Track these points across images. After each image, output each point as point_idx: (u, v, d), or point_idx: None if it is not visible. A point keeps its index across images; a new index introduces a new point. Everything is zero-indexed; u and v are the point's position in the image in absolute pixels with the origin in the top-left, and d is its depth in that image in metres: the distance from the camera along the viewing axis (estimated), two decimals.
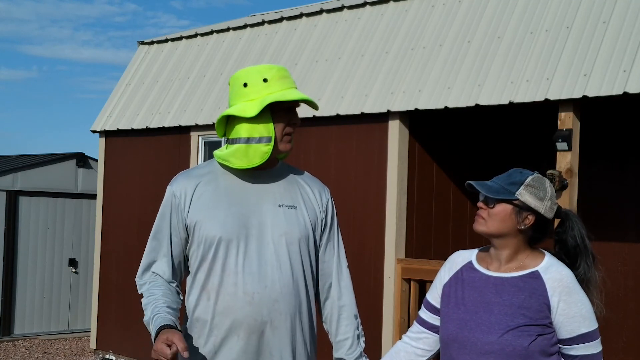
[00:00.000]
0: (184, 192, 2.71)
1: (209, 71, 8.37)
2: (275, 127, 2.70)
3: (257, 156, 2.69)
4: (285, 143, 2.73)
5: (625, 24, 5.55)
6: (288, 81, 2.73)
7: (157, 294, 2.66)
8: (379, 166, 6.66)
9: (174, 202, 2.72)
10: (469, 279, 2.61)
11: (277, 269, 2.68)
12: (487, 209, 2.55)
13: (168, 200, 2.75)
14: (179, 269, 2.76)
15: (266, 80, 2.69)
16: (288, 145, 2.74)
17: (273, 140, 2.68)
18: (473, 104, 6.03)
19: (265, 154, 2.69)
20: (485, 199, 2.55)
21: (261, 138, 2.68)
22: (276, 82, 2.70)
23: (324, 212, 2.84)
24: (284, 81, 2.72)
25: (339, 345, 2.85)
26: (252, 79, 2.71)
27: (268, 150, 2.68)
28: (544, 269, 2.52)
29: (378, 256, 6.61)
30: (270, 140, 2.68)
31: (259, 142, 2.68)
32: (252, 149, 2.68)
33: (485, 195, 2.54)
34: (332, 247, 2.87)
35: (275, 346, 2.67)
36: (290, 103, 2.72)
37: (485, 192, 2.53)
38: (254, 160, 2.69)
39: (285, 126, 2.72)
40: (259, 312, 2.64)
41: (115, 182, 9.11)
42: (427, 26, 6.77)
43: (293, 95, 2.68)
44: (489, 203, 2.54)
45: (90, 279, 11.26)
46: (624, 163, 7.16)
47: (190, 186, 2.72)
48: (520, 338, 2.44)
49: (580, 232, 2.60)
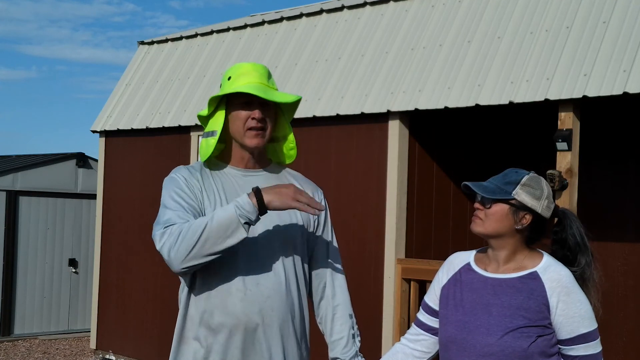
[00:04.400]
0: (195, 180, 2.71)
1: (209, 71, 8.37)
2: (234, 121, 2.72)
3: (208, 148, 2.73)
4: (250, 138, 2.72)
5: (625, 24, 5.55)
6: (249, 77, 2.72)
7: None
8: (379, 166, 6.66)
9: (188, 183, 2.69)
10: (467, 280, 2.60)
11: (270, 267, 2.68)
12: (483, 210, 2.54)
13: (176, 181, 2.69)
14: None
15: (230, 78, 2.75)
16: (254, 140, 2.72)
17: (218, 134, 2.71)
18: (473, 104, 6.03)
19: (210, 147, 2.72)
20: (482, 199, 2.54)
21: (213, 132, 2.73)
22: (237, 78, 2.73)
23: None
24: (243, 77, 2.72)
25: (334, 344, 2.84)
26: (223, 79, 2.79)
27: (213, 143, 2.71)
28: (543, 270, 2.51)
29: (378, 256, 6.61)
30: (215, 134, 2.71)
31: (211, 135, 2.73)
32: (207, 142, 2.74)
33: (481, 195, 2.53)
34: (326, 247, 2.87)
35: (266, 344, 2.67)
36: (247, 98, 2.71)
37: (481, 192, 2.52)
38: (205, 152, 2.74)
39: (245, 121, 2.71)
40: (251, 309, 2.64)
41: (115, 182, 9.11)
42: (427, 26, 6.77)
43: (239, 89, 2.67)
44: (486, 203, 2.53)
45: (90, 279, 11.25)
46: (624, 163, 7.16)
47: (198, 178, 2.73)
48: (520, 339, 2.43)
49: (579, 230, 2.60)
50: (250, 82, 2.70)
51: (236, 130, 2.73)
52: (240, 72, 2.74)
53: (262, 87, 2.70)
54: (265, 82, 2.75)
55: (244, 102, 2.72)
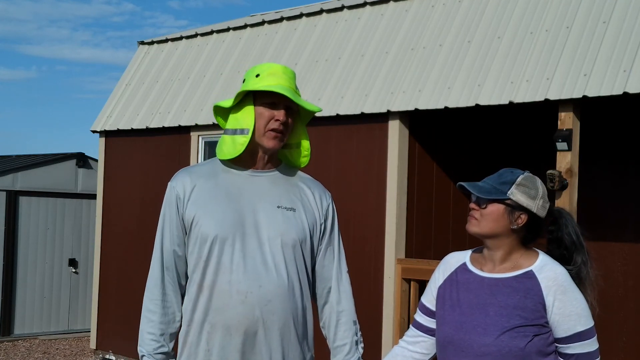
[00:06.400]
0: (183, 189, 2.72)
1: (209, 71, 8.37)
2: (256, 121, 2.70)
3: (234, 147, 2.70)
4: (269, 139, 2.71)
5: (625, 24, 5.55)
6: (277, 78, 2.71)
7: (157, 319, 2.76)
8: (379, 166, 6.66)
9: (174, 198, 2.73)
10: (463, 280, 2.60)
11: (272, 269, 2.66)
12: (479, 210, 2.54)
13: (168, 196, 2.76)
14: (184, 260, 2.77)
15: (258, 75, 2.72)
16: (272, 141, 2.71)
17: (250, 132, 2.68)
18: (473, 104, 6.03)
19: (241, 146, 2.69)
20: (477, 199, 2.54)
21: (242, 130, 2.69)
22: (266, 77, 2.71)
23: (324, 217, 2.83)
24: (272, 77, 2.71)
25: (337, 350, 2.83)
26: (249, 75, 2.75)
27: (244, 142, 2.68)
28: (539, 269, 2.51)
29: (378, 256, 6.61)
30: (247, 132, 2.68)
31: (240, 133, 2.70)
32: (234, 140, 2.70)
33: (476, 196, 2.53)
34: (331, 251, 2.85)
35: (266, 347, 2.66)
36: (275, 98, 2.70)
37: (476, 192, 2.52)
38: (231, 151, 2.70)
39: (269, 121, 2.70)
40: (252, 312, 2.63)
41: (115, 182, 9.11)
42: (427, 26, 6.77)
43: (270, 88, 2.66)
44: (481, 204, 2.53)
45: (90, 279, 11.25)
46: (624, 163, 7.16)
47: (190, 183, 2.73)
48: (517, 339, 2.43)
49: (575, 229, 2.60)
50: (280, 84, 2.70)
51: (257, 128, 2.71)
52: (270, 72, 2.72)
53: (292, 92, 2.70)
54: (294, 87, 2.75)
55: (270, 102, 2.70)
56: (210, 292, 2.65)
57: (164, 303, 2.73)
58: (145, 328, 2.75)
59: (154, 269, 2.75)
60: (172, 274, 2.73)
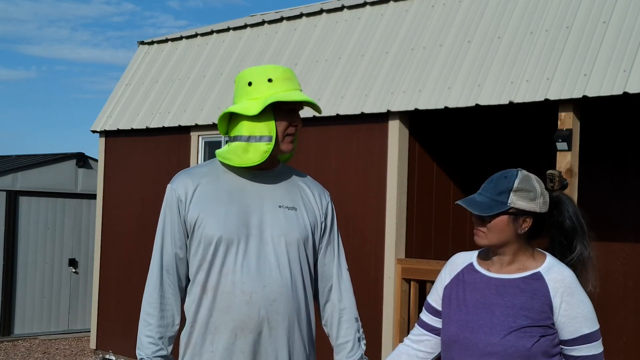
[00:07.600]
0: (185, 190, 2.71)
1: (209, 71, 8.37)
2: (277, 127, 2.71)
3: (256, 155, 2.69)
4: (287, 143, 2.74)
5: (625, 24, 5.55)
6: (292, 83, 2.74)
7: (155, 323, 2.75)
8: (379, 166, 6.66)
9: (175, 200, 2.72)
10: (470, 280, 2.60)
11: (276, 269, 2.67)
12: (484, 225, 2.53)
13: (169, 198, 2.75)
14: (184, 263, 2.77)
15: (271, 80, 2.71)
16: (290, 145, 2.75)
17: (274, 139, 2.69)
18: (473, 104, 6.03)
19: (265, 153, 2.69)
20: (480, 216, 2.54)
21: (262, 137, 2.69)
22: (280, 82, 2.71)
23: (324, 215, 2.85)
24: (288, 82, 2.73)
25: (340, 348, 2.84)
26: (257, 78, 2.72)
27: (268, 149, 2.69)
28: (546, 270, 2.51)
29: (378, 256, 6.61)
30: (271, 139, 2.69)
31: (259, 140, 2.69)
32: (252, 147, 2.69)
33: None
34: (332, 250, 2.87)
35: (271, 346, 2.67)
36: (292, 104, 2.73)
37: (477, 212, 2.50)
38: (253, 158, 2.69)
39: (287, 127, 2.73)
40: (257, 312, 2.63)
41: (115, 182, 9.11)
42: (427, 26, 6.77)
43: (296, 96, 2.69)
44: (485, 219, 2.53)
45: (90, 279, 11.26)
46: (624, 163, 7.16)
47: (191, 184, 2.72)
48: (523, 339, 2.44)
49: (575, 212, 2.61)
50: (297, 88, 2.74)
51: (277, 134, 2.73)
52: (283, 77, 2.73)
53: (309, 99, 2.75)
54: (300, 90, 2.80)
55: (290, 109, 2.73)
56: (214, 293, 2.66)
57: (162, 306, 2.72)
58: (144, 331, 2.74)
59: (152, 272, 2.75)
60: (173, 276, 2.73)
